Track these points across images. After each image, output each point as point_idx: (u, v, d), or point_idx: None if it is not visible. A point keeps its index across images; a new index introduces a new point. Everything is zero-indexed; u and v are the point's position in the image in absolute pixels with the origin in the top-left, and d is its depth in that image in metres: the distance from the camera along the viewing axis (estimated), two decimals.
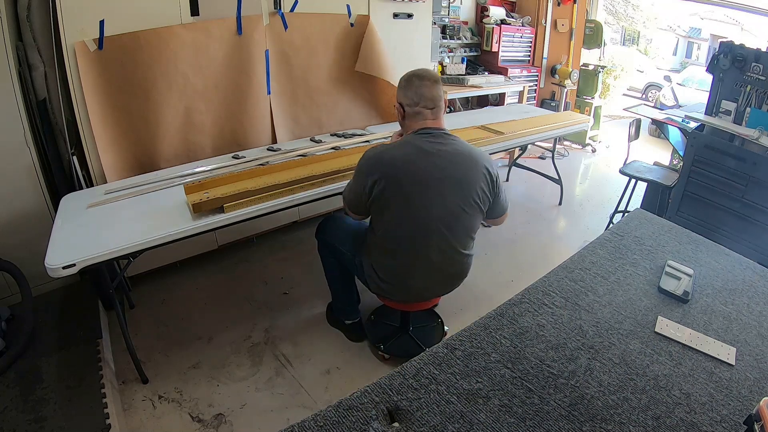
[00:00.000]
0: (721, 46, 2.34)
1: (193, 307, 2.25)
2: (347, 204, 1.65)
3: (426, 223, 1.51)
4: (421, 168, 1.48)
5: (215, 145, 2.41)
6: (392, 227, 1.54)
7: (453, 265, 1.64)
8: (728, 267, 1.49)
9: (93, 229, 1.59)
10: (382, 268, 1.65)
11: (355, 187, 1.56)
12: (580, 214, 3.44)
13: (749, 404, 0.96)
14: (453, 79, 3.71)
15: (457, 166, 1.52)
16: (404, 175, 1.47)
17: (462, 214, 1.54)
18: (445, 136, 1.55)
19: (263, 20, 2.38)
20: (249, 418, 1.67)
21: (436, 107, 1.56)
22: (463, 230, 1.58)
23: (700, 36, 12.28)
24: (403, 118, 1.61)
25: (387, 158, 1.49)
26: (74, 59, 1.87)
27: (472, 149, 1.59)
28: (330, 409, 0.90)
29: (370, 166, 1.51)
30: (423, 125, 1.55)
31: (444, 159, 1.50)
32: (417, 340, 1.96)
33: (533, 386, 0.98)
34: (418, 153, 1.49)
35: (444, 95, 1.60)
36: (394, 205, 1.50)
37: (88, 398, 1.44)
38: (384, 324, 2.06)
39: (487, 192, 1.58)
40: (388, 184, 1.47)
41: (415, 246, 1.55)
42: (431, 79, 1.56)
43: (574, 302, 1.26)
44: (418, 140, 1.52)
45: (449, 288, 1.75)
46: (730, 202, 2.31)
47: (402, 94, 1.58)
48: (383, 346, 1.93)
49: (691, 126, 2.58)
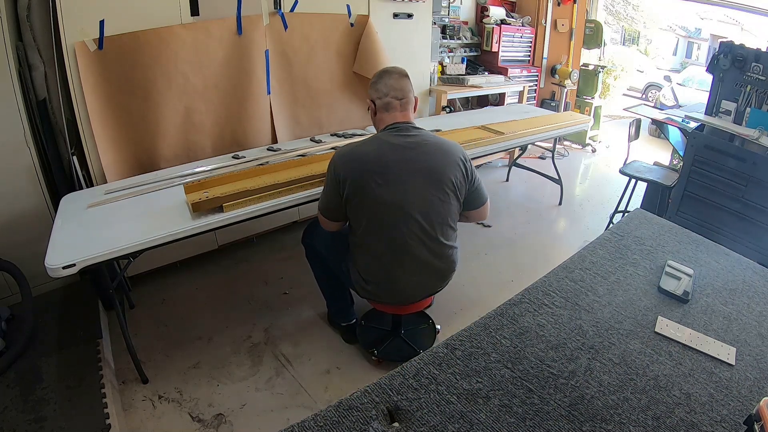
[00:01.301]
0: (721, 46, 2.33)
1: (193, 307, 2.25)
2: (323, 212, 1.64)
3: (402, 213, 1.52)
4: (392, 160, 1.50)
5: (215, 145, 2.41)
6: (370, 223, 1.55)
7: (436, 256, 1.62)
8: (728, 267, 1.49)
9: (93, 229, 1.59)
10: (366, 269, 1.64)
11: (329, 190, 1.58)
12: (580, 214, 3.44)
13: (749, 404, 0.96)
14: (453, 79, 3.71)
15: (427, 155, 1.53)
16: (375, 169, 1.49)
17: (436, 201, 1.55)
18: (413, 129, 1.57)
19: (263, 20, 2.38)
20: (249, 418, 1.67)
21: (404, 98, 1.59)
22: (439, 218, 1.58)
23: (700, 36, 12.28)
24: (374, 114, 1.64)
25: (357, 155, 1.52)
26: (74, 59, 1.88)
27: (440, 139, 1.61)
28: (330, 409, 0.90)
29: (340, 164, 1.52)
30: (393, 119, 1.58)
31: (413, 150, 1.52)
32: (409, 343, 1.94)
33: (533, 386, 0.98)
34: (387, 147, 1.52)
35: (413, 91, 1.63)
36: (368, 199, 1.51)
37: (88, 398, 1.44)
38: (375, 328, 2.03)
39: (462, 179, 1.59)
40: (360, 179, 1.49)
41: (395, 239, 1.55)
42: (398, 72, 1.61)
43: (574, 302, 1.26)
44: (386, 135, 1.56)
45: (438, 284, 1.72)
46: (730, 202, 2.31)
47: (372, 90, 1.62)
48: (376, 351, 1.90)
49: (691, 126, 2.57)
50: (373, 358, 1.91)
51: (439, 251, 1.62)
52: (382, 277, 1.63)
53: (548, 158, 3.94)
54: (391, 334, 1.98)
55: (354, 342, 2.02)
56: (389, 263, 1.60)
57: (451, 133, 2.64)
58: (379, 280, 1.64)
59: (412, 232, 1.55)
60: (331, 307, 2.08)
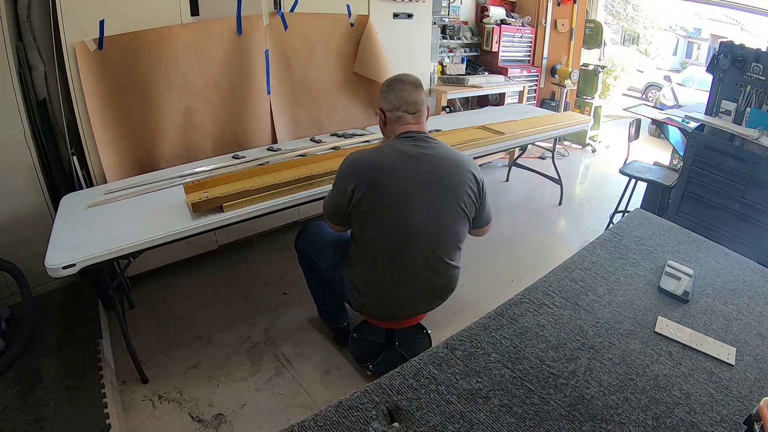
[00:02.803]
0: (721, 46, 2.33)
1: (193, 307, 2.25)
2: (328, 214, 1.57)
3: (409, 230, 1.44)
4: (404, 173, 1.41)
5: (215, 145, 2.41)
6: (374, 235, 1.46)
7: (439, 276, 1.55)
8: (728, 267, 1.49)
9: (93, 229, 1.59)
10: (363, 281, 1.57)
11: (335, 194, 1.49)
12: (580, 214, 3.44)
13: (749, 404, 0.96)
14: (453, 79, 3.71)
15: (442, 170, 1.45)
16: (386, 180, 1.40)
17: (448, 221, 1.47)
18: (428, 140, 1.49)
19: (263, 20, 2.38)
20: (249, 418, 1.67)
21: (417, 112, 1.50)
22: (448, 239, 1.51)
23: (700, 36, 12.28)
24: (384, 125, 1.56)
25: (368, 163, 1.43)
26: (74, 59, 1.88)
27: (456, 153, 1.52)
28: (330, 409, 0.90)
29: (350, 171, 1.43)
30: (406, 129, 1.50)
31: (428, 163, 1.43)
32: (405, 355, 1.89)
33: (533, 386, 0.98)
34: (400, 157, 1.42)
35: (426, 101, 1.54)
36: (375, 211, 1.42)
37: (88, 398, 1.44)
38: (368, 341, 1.98)
39: (474, 198, 1.51)
40: (369, 189, 1.40)
41: (399, 255, 1.47)
42: (413, 83, 1.51)
43: (574, 302, 1.26)
44: (400, 144, 1.46)
45: (434, 303, 1.65)
46: (730, 203, 2.31)
47: (383, 99, 1.52)
48: (372, 365, 1.85)
49: (691, 126, 2.58)
50: (368, 372, 1.85)
51: (444, 272, 1.55)
52: (378, 293, 1.57)
53: (548, 158, 3.94)
54: (385, 346, 1.93)
55: (345, 345, 1.98)
56: (388, 280, 1.53)
57: (451, 133, 2.64)
58: (374, 295, 1.57)
59: (417, 252, 1.47)
60: (322, 312, 2.04)
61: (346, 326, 2.01)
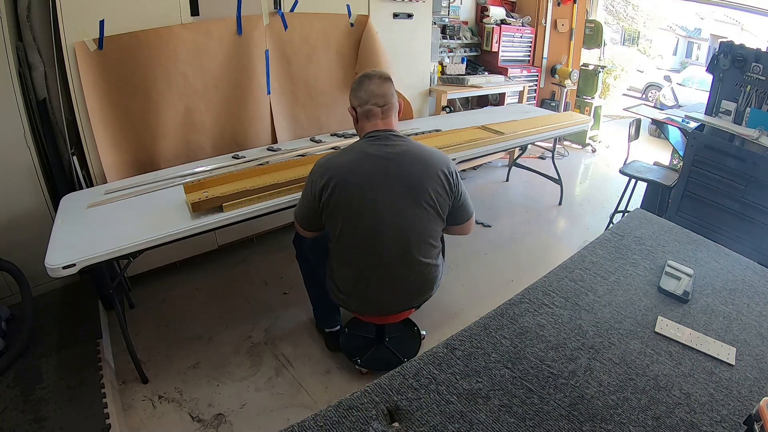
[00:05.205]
0: (721, 46, 2.34)
1: (193, 307, 2.25)
2: (299, 221, 1.60)
3: (377, 227, 1.46)
4: (368, 172, 1.44)
5: (215, 145, 2.41)
6: (344, 234, 1.49)
7: (412, 273, 1.55)
8: (728, 267, 1.49)
9: (93, 229, 1.59)
10: (340, 277, 1.60)
11: (305, 199, 1.53)
12: (580, 214, 3.44)
13: (749, 404, 0.96)
14: (453, 79, 3.71)
15: (405, 167, 1.46)
16: (351, 180, 1.43)
17: (415, 219, 1.48)
18: (393, 138, 1.50)
19: (263, 20, 2.38)
20: (249, 418, 1.67)
21: (387, 104, 1.52)
22: (416, 235, 1.50)
23: (700, 36, 12.28)
24: (356, 122, 1.58)
25: (334, 164, 1.47)
26: (74, 59, 1.88)
27: (425, 151, 1.52)
28: (330, 409, 0.90)
29: (317, 173, 1.47)
30: (373, 127, 1.52)
31: (390, 161, 1.45)
32: (394, 351, 1.90)
33: (533, 386, 0.98)
34: (364, 157, 1.46)
35: (396, 96, 1.56)
36: (343, 210, 1.46)
37: (88, 398, 1.44)
38: (359, 336, 1.98)
39: (444, 194, 1.50)
40: (335, 189, 1.43)
41: (369, 252, 1.50)
42: (381, 76, 1.53)
43: (574, 302, 1.26)
44: (364, 145, 1.50)
45: (414, 300, 1.64)
46: (730, 202, 2.31)
47: (353, 96, 1.55)
48: (360, 360, 1.85)
49: (691, 126, 2.58)
50: (356, 367, 1.86)
51: (417, 269, 1.55)
52: (354, 288, 1.59)
53: (548, 158, 3.94)
54: (375, 342, 1.93)
55: (337, 350, 1.97)
56: (360, 275, 1.55)
57: (451, 134, 2.64)
58: (350, 290, 1.60)
59: (385, 248, 1.49)
60: (316, 312, 2.03)
61: (338, 330, 1.99)
